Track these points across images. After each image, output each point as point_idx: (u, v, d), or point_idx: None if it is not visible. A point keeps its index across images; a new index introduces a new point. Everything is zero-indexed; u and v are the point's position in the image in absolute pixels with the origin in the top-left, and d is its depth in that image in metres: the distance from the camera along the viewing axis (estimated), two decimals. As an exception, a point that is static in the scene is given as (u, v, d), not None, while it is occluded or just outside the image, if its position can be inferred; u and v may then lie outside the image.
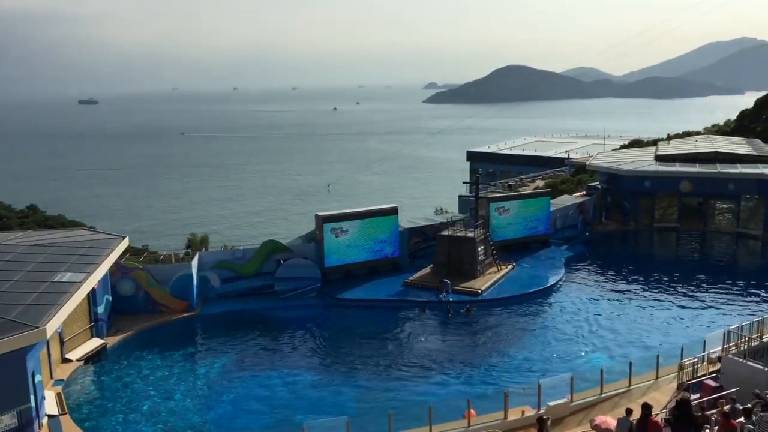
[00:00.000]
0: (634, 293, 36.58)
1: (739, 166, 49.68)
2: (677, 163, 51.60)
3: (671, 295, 36.12)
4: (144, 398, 25.07)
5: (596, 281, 39.08)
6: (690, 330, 30.60)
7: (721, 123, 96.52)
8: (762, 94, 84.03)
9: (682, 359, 23.37)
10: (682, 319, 32.45)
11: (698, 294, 36.15)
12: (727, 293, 36.19)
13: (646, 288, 37.42)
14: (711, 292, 36.37)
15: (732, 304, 34.34)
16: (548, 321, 32.77)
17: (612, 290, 37.22)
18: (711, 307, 34.18)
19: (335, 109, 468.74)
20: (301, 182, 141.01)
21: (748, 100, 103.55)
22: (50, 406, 22.89)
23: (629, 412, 16.97)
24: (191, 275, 33.95)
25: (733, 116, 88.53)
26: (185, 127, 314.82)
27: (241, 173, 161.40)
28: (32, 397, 20.94)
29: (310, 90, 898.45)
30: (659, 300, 35.29)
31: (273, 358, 29.01)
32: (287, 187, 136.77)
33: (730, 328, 23.62)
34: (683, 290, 36.79)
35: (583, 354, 28.52)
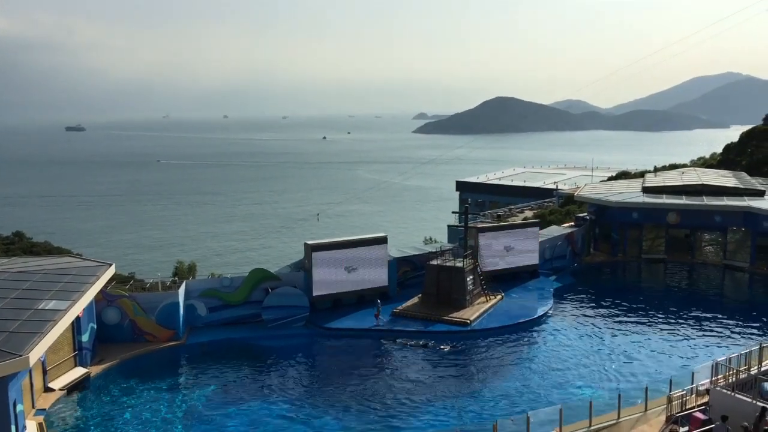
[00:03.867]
0: (623, 324, 36.54)
1: (725, 198, 50.15)
2: (664, 195, 52.02)
3: (659, 326, 36.13)
4: (127, 429, 24.62)
5: (585, 312, 39.03)
6: (678, 362, 30.59)
7: (707, 156, 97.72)
8: (747, 127, 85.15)
9: (670, 391, 23.33)
10: (671, 350, 32.38)
11: (686, 326, 36.17)
12: (715, 325, 36.24)
13: (635, 319, 37.41)
14: (699, 324, 36.40)
15: (720, 336, 34.38)
16: (537, 352, 32.64)
17: (600, 321, 37.16)
18: (699, 339, 34.17)
19: (325, 137, 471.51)
20: (290, 210, 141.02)
21: (733, 134, 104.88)
22: (31, 436, 22.45)
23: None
24: (178, 303, 33.62)
25: (719, 149, 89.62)
26: (167, 154, 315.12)
27: (229, 201, 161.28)
28: (13, 427, 20.55)
29: (301, 119, 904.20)
30: (647, 331, 35.27)
31: (259, 388, 28.60)
32: (276, 215, 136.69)
33: (719, 360, 23.58)
34: (671, 322, 36.82)
35: (572, 385, 28.34)
